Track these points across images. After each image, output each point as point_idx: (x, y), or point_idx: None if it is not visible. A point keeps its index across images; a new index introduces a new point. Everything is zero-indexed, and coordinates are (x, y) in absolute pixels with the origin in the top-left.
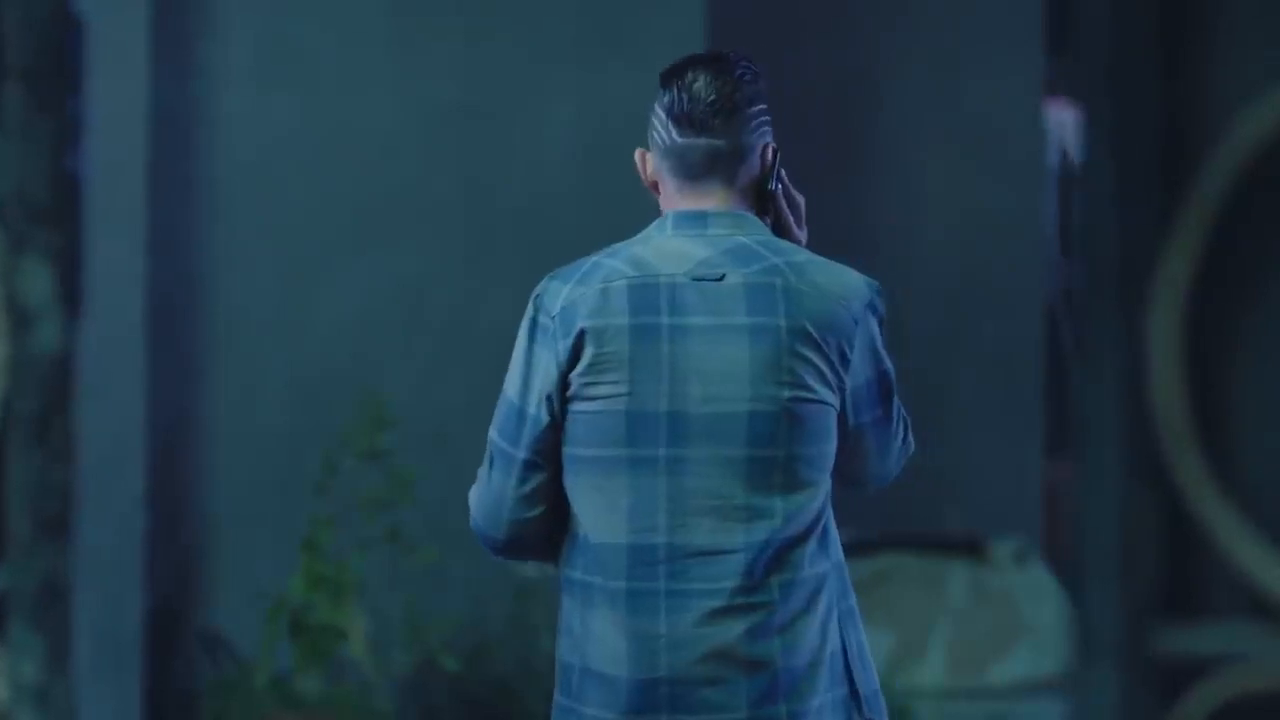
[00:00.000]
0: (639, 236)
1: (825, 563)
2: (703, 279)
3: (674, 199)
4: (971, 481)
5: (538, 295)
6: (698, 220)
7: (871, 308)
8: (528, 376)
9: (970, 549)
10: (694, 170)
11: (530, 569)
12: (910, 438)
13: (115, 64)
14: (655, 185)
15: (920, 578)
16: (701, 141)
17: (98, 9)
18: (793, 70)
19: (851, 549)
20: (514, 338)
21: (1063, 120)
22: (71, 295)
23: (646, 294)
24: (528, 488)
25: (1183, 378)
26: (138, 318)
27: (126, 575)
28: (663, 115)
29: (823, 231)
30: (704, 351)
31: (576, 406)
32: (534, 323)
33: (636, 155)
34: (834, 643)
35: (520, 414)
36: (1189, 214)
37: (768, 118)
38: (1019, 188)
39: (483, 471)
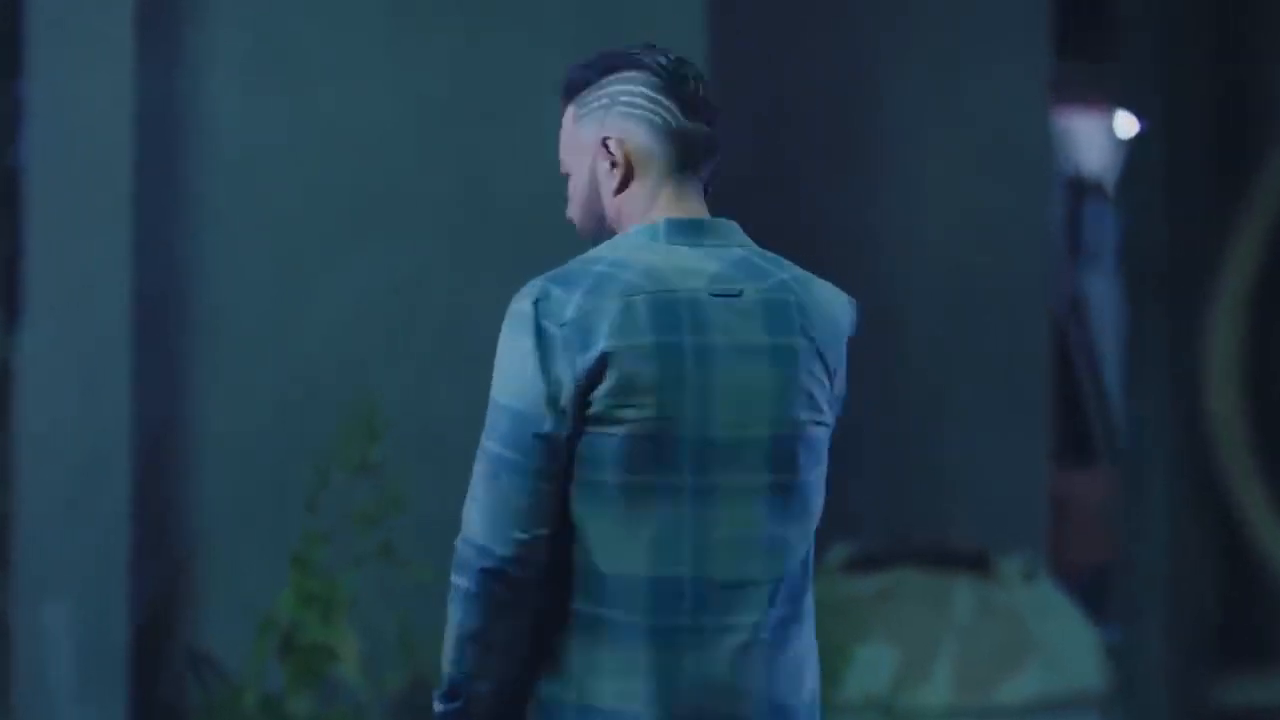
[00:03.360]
0: (630, 243)
1: (811, 595)
2: (723, 295)
3: (653, 194)
4: (976, 491)
5: (538, 300)
6: (693, 229)
7: (853, 326)
8: (535, 383)
9: (977, 565)
10: (693, 158)
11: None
12: None
13: (99, 58)
14: (627, 175)
15: (926, 594)
16: (704, 129)
17: (81, 1)
18: (794, 70)
19: (855, 565)
20: None
21: (1072, 125)
22: (10, 297)
23: (669, 311)
24: (539, 500)
25: (1242, 390)
26: (123, 321)
27: (111, 591)
28: (660, 96)
29: (824, 233)
30: (727, 372)
31: (597, 429)
32: (538, 328)
33: (612, 143)
34: (816, 676)
35: (530, 422)
36: (1249, 209)
37: None
38: (1023, 190)
39: (481, 486)
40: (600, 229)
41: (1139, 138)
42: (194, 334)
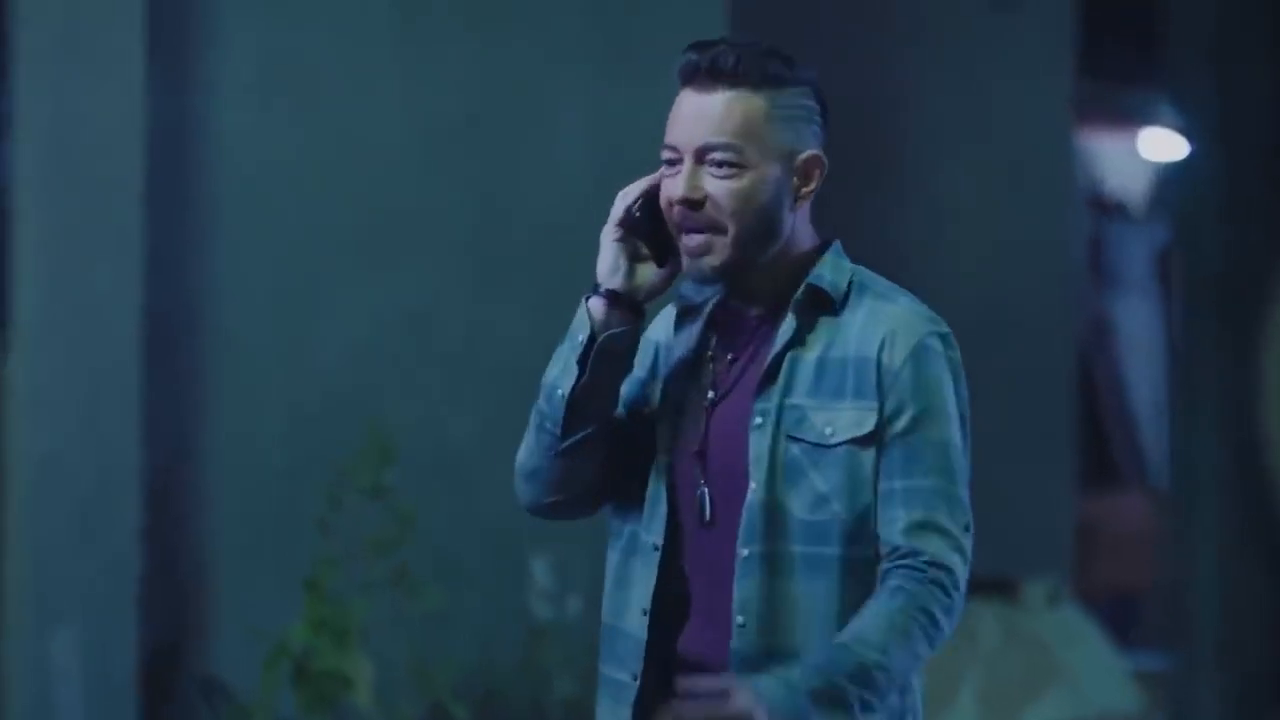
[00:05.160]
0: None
1: None
2: None
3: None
4: (1000, 516)
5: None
6: None
7: None
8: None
9: (1002, 590)
10: None
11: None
12: None
13: (110, 77)
14: (809, 199)
15: None
16: None
17: (91, 19)
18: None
19: None
20: (526, 365)
21: (1096, 145)
22: None
23: None
24: None
25: None
26: (133, 344)
27: (121, 616)
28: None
29: (845, 252)
30: None
31: None
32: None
33: (818, 168)
34: None
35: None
36: None
37: None
38: (1046, 211)
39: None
40: (764, 240)
41: (1191, 159)
42: (205, 355)
